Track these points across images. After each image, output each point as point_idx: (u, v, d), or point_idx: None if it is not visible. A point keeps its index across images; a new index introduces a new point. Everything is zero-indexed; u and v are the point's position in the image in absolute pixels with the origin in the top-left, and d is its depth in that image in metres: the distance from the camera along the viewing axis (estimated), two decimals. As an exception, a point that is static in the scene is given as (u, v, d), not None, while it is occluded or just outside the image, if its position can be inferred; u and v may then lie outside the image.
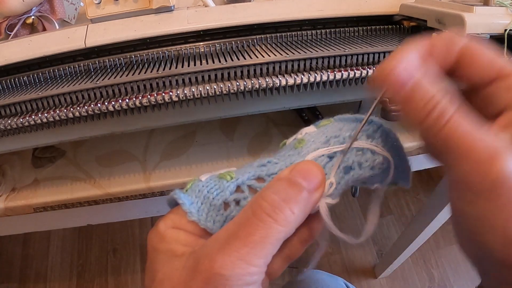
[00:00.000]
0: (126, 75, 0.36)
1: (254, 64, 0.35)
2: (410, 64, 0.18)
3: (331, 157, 0.23)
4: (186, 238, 0.22)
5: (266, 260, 0.19)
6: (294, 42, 0.41)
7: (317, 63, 0.36)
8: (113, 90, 0.35)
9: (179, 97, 0.34)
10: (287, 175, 0.21)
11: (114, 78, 0.36)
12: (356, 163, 0.23)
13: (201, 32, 0.41)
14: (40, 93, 0.35)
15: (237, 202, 0.22)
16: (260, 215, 0.19)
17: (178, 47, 0.41)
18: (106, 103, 0.34)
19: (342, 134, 0.24)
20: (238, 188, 0.23)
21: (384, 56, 0.37)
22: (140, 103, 0.35)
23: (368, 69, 0.36)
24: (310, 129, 0.26)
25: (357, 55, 0.36)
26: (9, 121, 0.35)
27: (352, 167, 0.23)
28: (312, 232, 0.23)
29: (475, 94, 0.21)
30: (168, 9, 0.42)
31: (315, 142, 0.24)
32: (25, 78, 0.39)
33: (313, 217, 0.22)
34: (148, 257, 0.22)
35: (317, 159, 0.23)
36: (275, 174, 0.23)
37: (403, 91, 0.18)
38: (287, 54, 0.36)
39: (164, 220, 0.22)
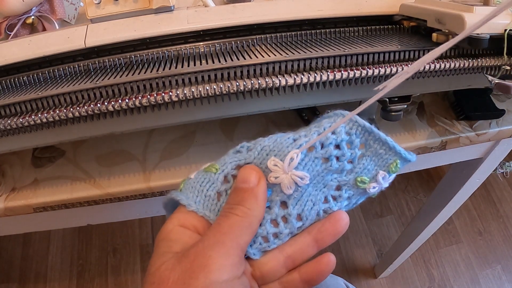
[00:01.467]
0: (126, 75, 0.36)
1: (254, 64, 0.35)
2: None
3: (295, 139, 0.26)
4: (188, 239, 0.24)
5: (241, 245, 0.24)
6: (294, 42, 0.41)
7: (317, 63, 0.36)
8: (113, 90, 0.35)
9: (179, 97, 0.34)
10: (234, 184, 0.26)
11: (114, 78, 0.36)
12: (318, 142, 0.26)
13: (201, 32, 0.41)
14: (40, 93, 0.35)
15: (226, 191, 0.26)
16: (224, 214, 0.25)
17: (178, 47, 0.41)
18: (106, 103, 0.34)
19: (314, 126, 0.27)
20: (225, 178, 0.27)
21: (384, 56, 0.37)
22: (140, 103, 0.35)
23: (368, 69, 0.36)
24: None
25: (357, 55, 0.36)
26: (9, 121, 0.35)
27: (315, 145, 0.26)
28: (317, 242, 0.27)
29: None
30: (168, 9, 0.42)
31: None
32: (25, 78, 0.39)
33: (316, 231, 0.27)
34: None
35: (282, 139, 0.26)
36: (250, 161, 0.26)
37: None
38: (287, 54, 0.36)
39: (171, 219, 0.26)
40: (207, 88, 0.34)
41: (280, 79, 0.35)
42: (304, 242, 0.26)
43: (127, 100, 0.34)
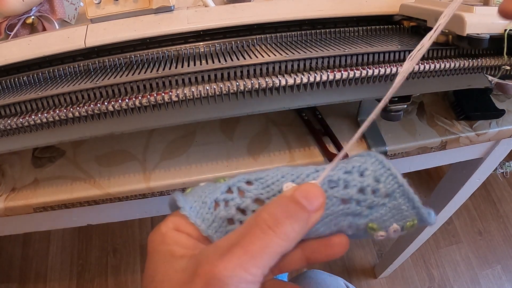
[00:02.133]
0: (126, 75, 0.36)
1: (254, 64, 0.35)
2: None
3: (318, 170, 0.25)
4: (186, 241, 0.22)
5: (263, 270, 0.20)
6: (294, 42, 0.41)
7: (317, 63, 0.36)
8: (113, 90, 0.35)
9: (179, 97, 0.34)
10: (291, 193, 0.22)
11: (114, 78, 0.36)
12: (342, 180, 0.24)
13: (201, 32, 0.41)
14: (40, 93, 0.35)
15: (226, 202, 0.24)
16: (262, 226, 0.21)
17: (178, 47, 0.41)
18: (106, 103, 0.34)
19: (342, 162, 0.25)
20: (229, 189, 0.24)
21: (384, 56, 0.37)
22: (140, 103, 0.35)
23: (368, 69, 0.36)
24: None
25: (357, 55, 0.36)
26: (9, 121, 0.35)
27: (338, 183, 0.24)
28: (308, 260, 0.25)
29: None
30: (168, 9, 0.42)
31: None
32: (25, 78, 0.39)
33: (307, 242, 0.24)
34: (148, 257, 0.23)
35: (304, 168, 0.25)
36: (262, 179, 0.24)
37: None
38: (287, 54, 0.36)
39: (166, 222, 0.23)
40: (207, 88, 0.34)
41: (280, 79, 0.35)
42: (294, 257, 0.24)
43: (127, 100, 0.34)
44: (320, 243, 0.24)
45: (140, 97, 0.34)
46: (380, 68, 0.36)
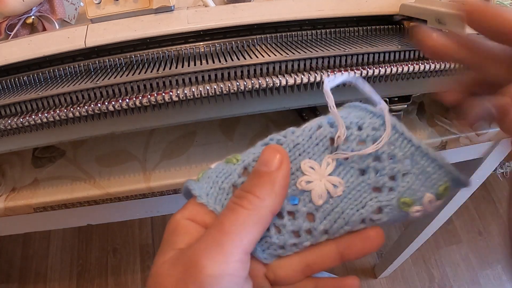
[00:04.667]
0: (126, 75, 0.36)
1: (254, 64, 0.35)
2: None
3: (332, 137, 0.23)
4: (195, 233, 0.22)
5: (243, 247, 0.20)
6: (294, 42, 0.41)
7: (317, 63, 0.36)
8: (113, 90, 0.35)
9: (179, 97, 0.34)
10: (253, 168, 0.23)
11: (114, 78, 0.36)
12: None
13: (201, 32, 0.41)
14: (40, 93, 0.35)
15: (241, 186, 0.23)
16: (229, 205, 0.21)
17: (178, 47, 0.41)
18: (106, 103, 0.34)
19: (356, 117, 0.24)
20: (245, 170, 0.23)
21: (384, 56, 0.37)
22: (140, 103, 0.35)
23: (368, 69, 0.36)
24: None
25: (357, 55, 0.36)
26: (9, 121, 0.35)
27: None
28: (342, 257, 0.23)
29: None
30: (168, 9, 0.42)
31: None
32: (25, 78, 0.39)
33: (347, 242, 0.23)
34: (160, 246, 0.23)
35: (319, 139, 0.23)
36: None
37: None
38: (287, 54, 0.36)
39: (182, 210, 0.23)
40: (207, 88, 0.34)
41: (280, 79, 0.35)
42: (327, 253, 0.23)
43: (127, 100, 0.34)
44: (355, 237, 0.23)
45: (140, 97, 0.34)
46: (380, 68, 0.36)
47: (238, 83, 0.34)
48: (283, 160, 0.22)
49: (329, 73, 0.35)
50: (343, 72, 0.35)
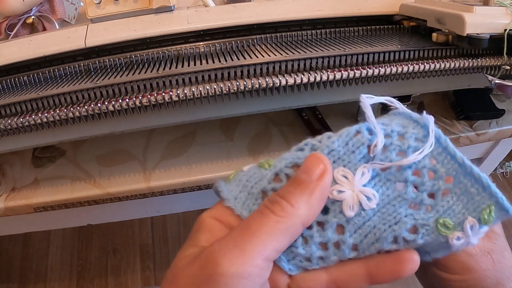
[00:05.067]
0: (126, 75, 0.36)
1: (254, 64, 0.35)
2: None
3: (370, 144, 0.22)
4: (219, 232, 0.22)
5: (266, 254, 0.19)
6: (294, 42, 0.41)
7: (317, 63, 0.36)
8: (113, 90, 0.35)
9: (179, 97, 0.34)
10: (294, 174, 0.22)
11: (114, 78, 0.36)
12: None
13: (201, 32, 0.41)
14: (40, 93, 0.35)
15: (275, 191, 0.22)
16: (260, 208, 0.20)
17: (178, 47, 0.41)
18: (106, 103, 0.34)
19: (398, 126, 0.22)
20: (277, 177, 0.22)
21: (384, 56, 0.37)
22: (140, 103, 0.35)
23: (368, 69, 0.36)
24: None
25: (357, 55, 0.36)
26: (9, 121, 0.35)
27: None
28: (371, 278, 0.21)
29: None
30: (168, 9, 0.42)
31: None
32: (25, 78, 0.39)
33: (372, 263, 0.21)
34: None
35: (355, 147, 0.22)
36: None
37: None
38: (287, 54, 0.36)
39: (210, 209, 0.23)
40: (207, 88, 0.34)
41: (280, 79, 0.35)
42: (355, 271, 0.22)
43: (127, 100, 0.34)
44: (386, 257, 0.21)
45: (140, 97, 0.34)
46: (380, 68, 0.36)
47: (238, 83, 0.34)
48: (326, 171, 0.21)
49: (329, 73, 0.35)
50: (343, 72, 0.35)
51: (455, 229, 0.20)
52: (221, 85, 0.34)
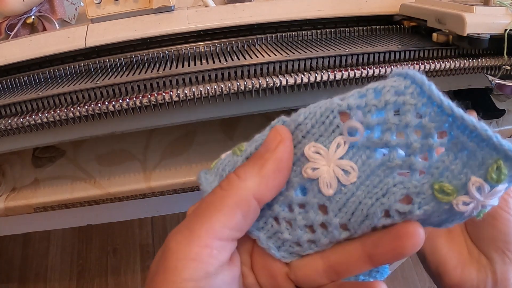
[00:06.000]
0: (126, 75, 0.36)
1: (254, 64, 0.35)
2: None
3: (341, 111, 0.19)
4: None
5: (214, 232, 0.18)
6: (294, 42, 0.41)
7: (317, 63, 0.36)
8: (113, 90, 0.35)
9: (179, 97, 0.34)
10: None
11: (114, 78, 0.36)
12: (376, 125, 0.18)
13: (201, 32, 0.41)
14: (40, 93, 0.35)
15: None
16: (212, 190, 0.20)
17: (178, 47, 0.41)
18: (106, 103, 0.34)
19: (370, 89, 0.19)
20: None
21: (384, 56, 0.37)
22: (140, 103, 0.35)
23: (368, 69, 0.36)
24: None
25: (357, 55, 0.36)
26: (9, 121, 0.35)
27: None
28: (371, 259, 0.19)
29: None
30: (168, 9, 0.42)
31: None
32: (25, 78, 0.39)
33: (371, 243, 0.19)
34: None
35: (324, 116, 0.19)
36: None
37: None
38: (287, 54, 0.36)
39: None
40: (207, 88, 0.34)
41: (280, 79, 0.35)
42: (353, 254, 0.19)
43: (127, 100, 0.34)
44: (384, 234, 0.18)
45: (140, 97, 0.34)
46: (380, 68, 0.36)
47: (238, 83, 0.34)
48: (281, 141, 0.19)
49: (329, 73, 0.35)
50: (343, 72, 0.35)
51: (458, 193, 0.16)
52: (221, 85, 0.34)
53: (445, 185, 0.17)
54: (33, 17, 0.48)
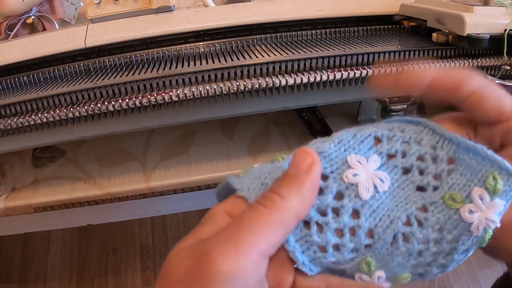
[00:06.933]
0: (126, 75, 0.36)
1: (254, 64, 0.35)
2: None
3: (376, 136, 0.23)
4: (225, 224, 0.21)
5: (261, 249, 0.19)
6: (294, 42, 0.41)
7: (317, 63, 0.36)
8: (113, 90, 0.35)
9: (179, 97, 0.34)
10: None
11: (114, 78, 0.36)
12: (400, 151, 0.23)
13: (201, 32, 0.41)
14: (40, 93, 0.35)
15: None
16: (253, 205, 0.20)
17: (178, 47, 0.41)
18: (106, 103, 0.34)
19: (399, 127, 0.24)
20: None
21: (384, 56, 0.37)
22: (140, 103, 0.35)
23: (368, 69, 0.36)
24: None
25: (357, 55, 0.36)
26: (9, 121, 0.35)
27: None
28: None
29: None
30: (168, 9, 0.42)
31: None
32: (25, 78, 0.39)
33: None
34: None
35: (363, 137, 0.23)
36: (324, 152, 0.22)
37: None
38: (287, 54, 0.36)
39: (223, 202, 0.22)
40: (207, 88, 0.34)
41: (280, 79, 0.35)
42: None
43: (127, 100, 0.34)
44: None
45: (140, 97, 0.34)
46: (380, 68, 0.36)
47: (238, 83, 0.34)
48: (313, 164, 0.21)
49: (329, 73, 0.35)
50: (343, 72, 0.35)
51: (464, 202, 0.20)
52: (221, 85, 0.34)
53: (454, 194, 0.21)
54: (33, 17, 0.48)
